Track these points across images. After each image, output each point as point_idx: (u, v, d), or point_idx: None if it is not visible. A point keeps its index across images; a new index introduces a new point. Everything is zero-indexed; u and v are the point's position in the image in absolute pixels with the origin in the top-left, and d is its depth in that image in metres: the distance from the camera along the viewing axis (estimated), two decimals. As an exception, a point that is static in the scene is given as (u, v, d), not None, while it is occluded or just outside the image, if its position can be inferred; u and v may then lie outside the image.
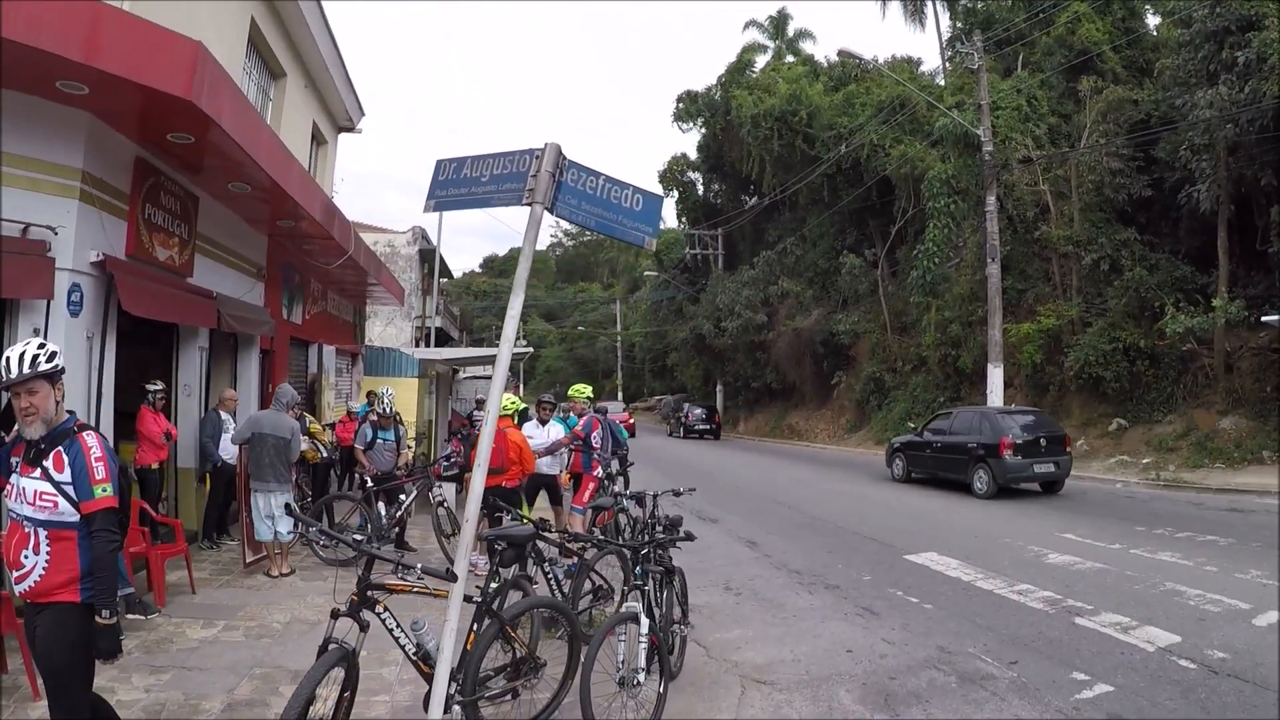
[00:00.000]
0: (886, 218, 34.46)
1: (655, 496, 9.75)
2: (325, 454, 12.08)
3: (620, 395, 70.34)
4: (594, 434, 11.12)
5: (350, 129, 20.03)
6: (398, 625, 4.86)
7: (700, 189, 51.63)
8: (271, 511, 9.69)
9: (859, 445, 31.75)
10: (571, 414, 13.10)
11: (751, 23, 47.35)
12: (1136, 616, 7.92)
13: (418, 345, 38.57)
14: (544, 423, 11.54)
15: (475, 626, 5.18)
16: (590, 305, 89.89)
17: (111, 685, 6.02)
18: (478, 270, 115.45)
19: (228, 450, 10.83)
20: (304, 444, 11.03)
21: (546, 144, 4.90)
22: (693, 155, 49.79)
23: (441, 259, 47.35)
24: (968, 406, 21.88)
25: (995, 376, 23.68)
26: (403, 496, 11.31)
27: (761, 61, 44.27)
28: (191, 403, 11.45)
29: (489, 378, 46.12)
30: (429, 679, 4.71)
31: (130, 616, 7.41)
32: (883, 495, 17.67)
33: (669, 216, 61.53)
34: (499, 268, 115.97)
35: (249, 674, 6.40)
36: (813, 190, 37.02)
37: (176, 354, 11.48)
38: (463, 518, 4.84)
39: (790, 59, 42.86)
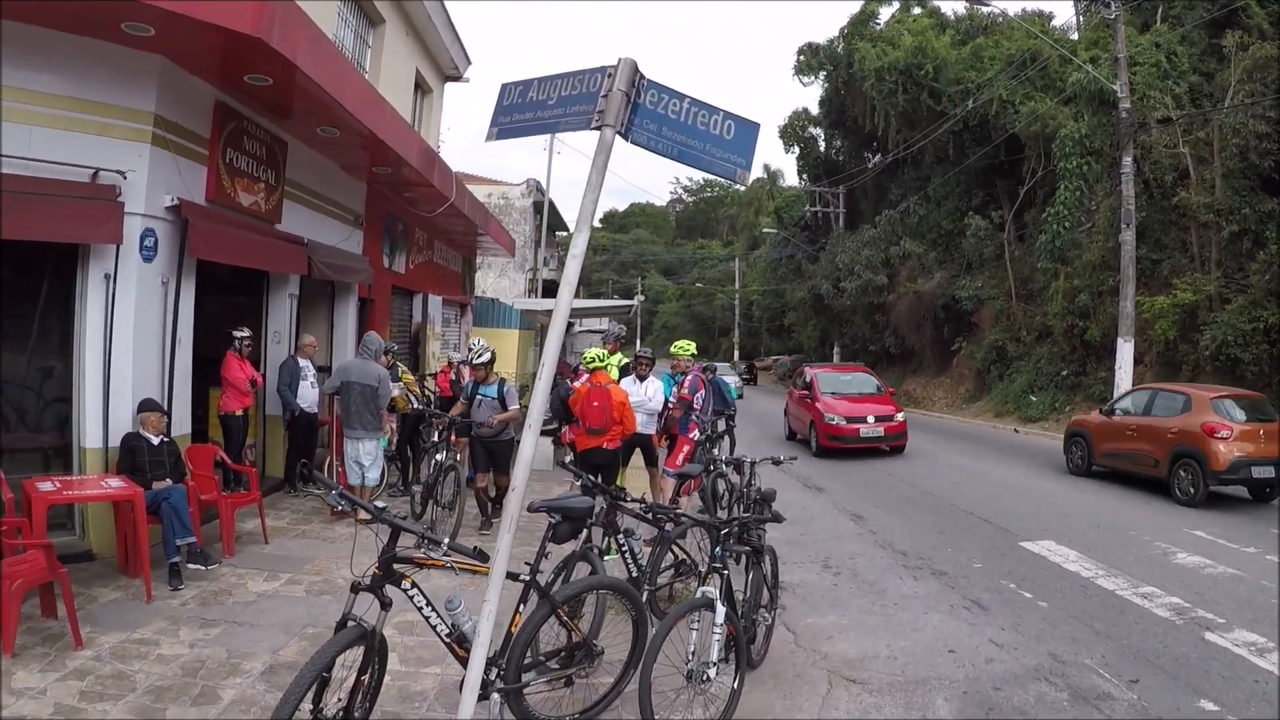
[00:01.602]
0: (1015, 178, 32.64)
1: (753, 464, 9.24)
2: (416, 404, 11.85)
3: (736, 354, 69.58)
4: (698, 394, 10.40)
5: (457, 78, 19.79)
6: (428, 604, 4.43)
7: (821, 145, 49.72)
8: (360, 458, 9.70)
9: (977, 416, 30.32)
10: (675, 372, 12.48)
11: (876, -28, 45.26)
12: (1273, 637, 6.95)
13: (530, 297, 38.75)
14: (642, 379, 10.62)
15: (521, 607, 4.75)
16: (709, 262, 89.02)
17: (157, 638, 5.91)
18: (598, 225, 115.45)
19: (305, 397, 10.75)
20: (395, 391, 10.81)
21: (620, 59, 4.35)
22: (814, 110, 48.02)
23: (556, 211, 47.40)
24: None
25: (1125, 352, 22.16)
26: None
27: (886, 13, 42.38)
28: (281, 350, 11.38)
29: (603, 331, 46.36)
30: (465, 664, 4.26)
31: (191, 566, 7.32)
32: (999, 472, 16.54)
33: (789, 173, 60.22)
34: (619, 222, 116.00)
35: (300, 633, 6.18)
36: (938, 148, 35.36)
37: (266, 301, 11.44)
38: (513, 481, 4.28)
39: (916, 10, 40.91)
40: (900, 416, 18.61)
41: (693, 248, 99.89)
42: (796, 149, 49.57)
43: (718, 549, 5.36)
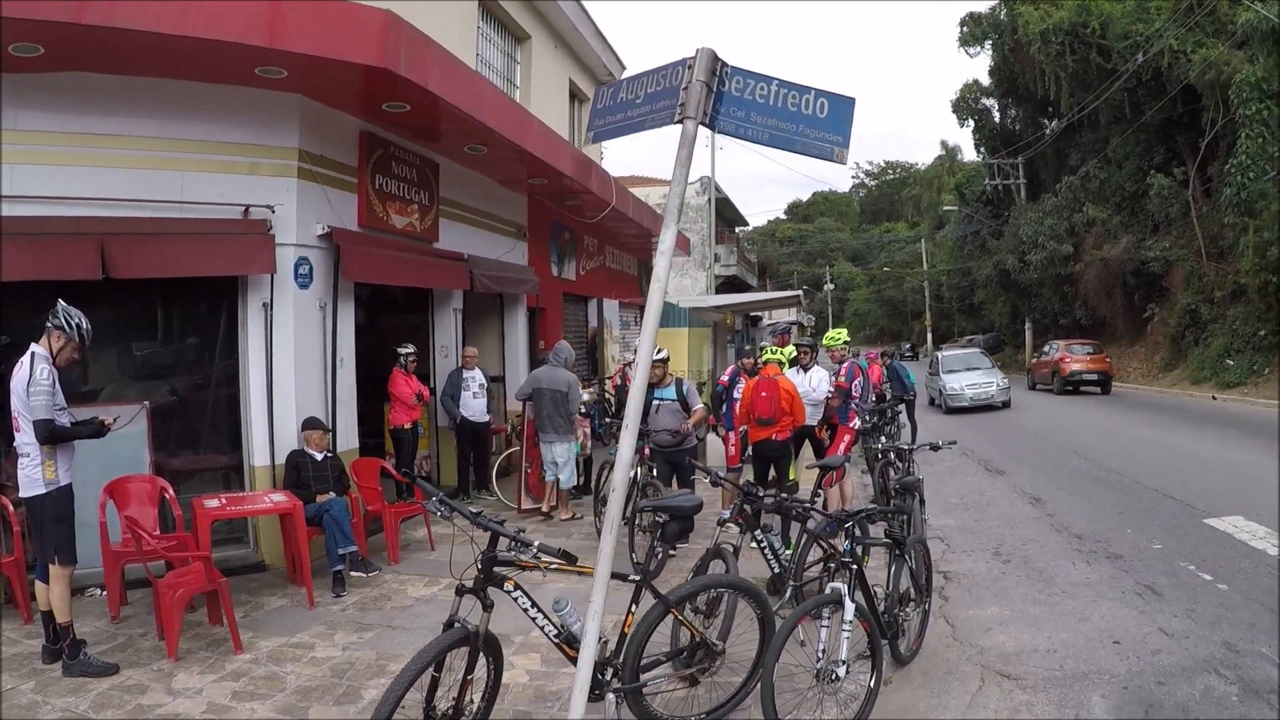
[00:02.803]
0: (1195, 131, 30.63)
1: (911, 451, 8.90)
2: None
3: (930, 337, 67.69)
4: (855, 382, 9.90)
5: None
6: (533, 605, 4.47)
7: (996, 116, 47.98)
8: (554, 459, 10.21)
9: (1173, 385, 28.38)
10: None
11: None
12: None
13: (718, 293, 38.85)
14: (805, 369, 10.13)
15: (633, 607, 4.73)
16: (897, 245, 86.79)
17: (313, 641, 6.26)
18: (783, 216, 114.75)
19: (469, 406, 11.17)
20: (584, 395, 11.07)
21: (698, 49, 4.28)
22: (985, 81, 46.26)
23: (733, 206, 47.35)
24: None
25: (1324, 306, 20.22)
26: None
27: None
28: (449, 363, 11.85)
29: (793, 323, 45.91)
30: (575, 663, 4.28)
31: (354, 574, 7.71)
32: (1190, 443, 15.39)
33: (967, 148, 57.93)
34: (803, 212, 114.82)
35: (450, 637, 6.42)
36: (1113, 107, 33.67)
37: (432, 316, 11.94)
38: (610, 484, 4.29)
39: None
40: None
41: (879, 231, 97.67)
42: (971, 122, 48.06)
43: (846, 543, 5.20)
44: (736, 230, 56.80)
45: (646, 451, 9.04)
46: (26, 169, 7.26)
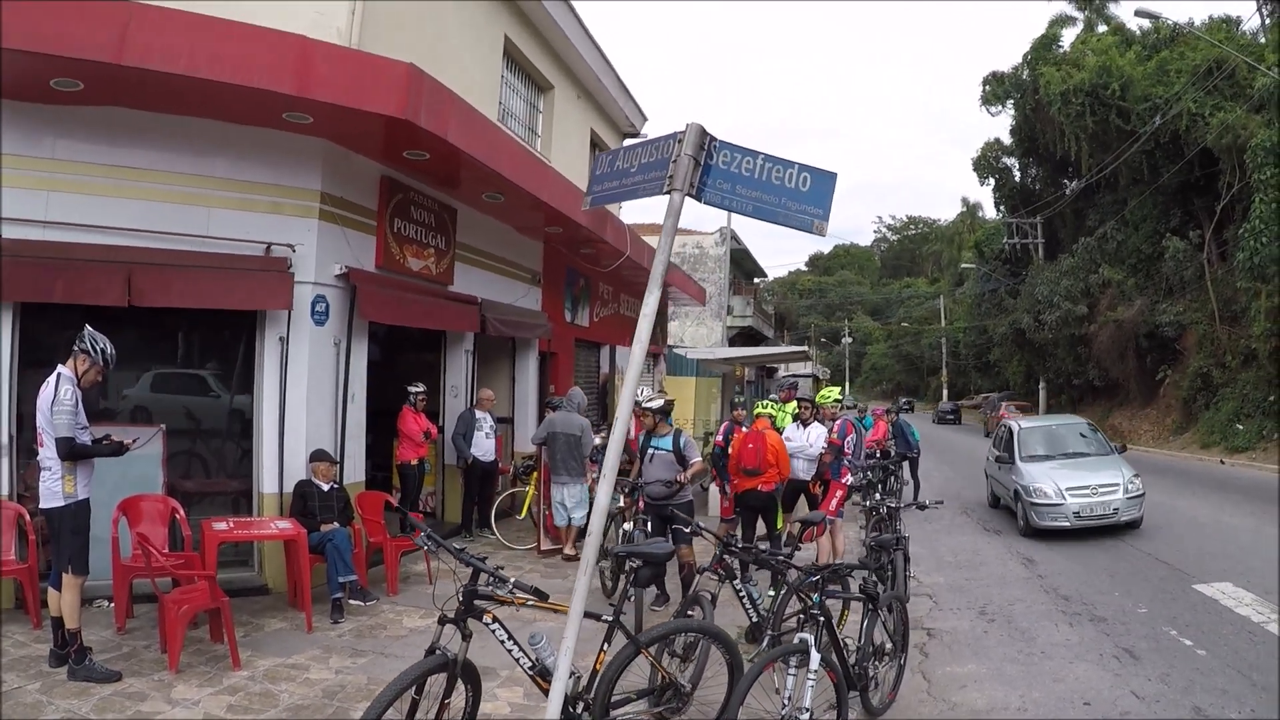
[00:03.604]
0: (1211, 195, 30.95)
1: (898, 509, 9.09)
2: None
3: (945, 393, 67.89)
4: (847, 439, 10.13)
5: (634, 134, 20.51)
6: (509, 638, 4.74)
7: (1016, 175, 48.31)
8: (565, 500, 10.59)
9: (1184, 448, 28.43)
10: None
11: (1058, -10, 43.75)
12: None
13: (731, 345, 39.17)
14: (805, 424, 10.24)
15: (605, 645, 4.96)
16: (915, 300, 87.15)
17: (308, 664, 6.54)
18: (804, 268, 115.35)
19: (480, 447, 11.46)
20: (595, 440, 11.36)
21: (688, 124, 4.56)
22: (1006, 140, 46.70)
23: (751, 257, 47.82)
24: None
25: (1334, 373, 20.31)
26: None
27: (1069, 35, 40.83)
28: (459, 403, 12.20)
29: (809, 376, 46.11)
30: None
31: (353, 602, 7.99)
32: (1193, 509, 15.53)
33: (988, 206, 58.28)
34: (824, 265, 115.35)
35: (438, 666, 6.67)
36: (1132, 169, 33.98)
37: (444, 357, 12.30)
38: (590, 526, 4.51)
39: (1102, 28, 39.14)
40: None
41: (899, 287, 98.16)
42: (991, 180, 48.39)
43: (815, 595, 5.41)
44: (755, 281, 57.24)
45: (640, 504, 9.04)
46: (62, 196, 7.67)
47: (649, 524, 8.72)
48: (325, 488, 8.35)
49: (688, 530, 7.07)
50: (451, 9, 11.61)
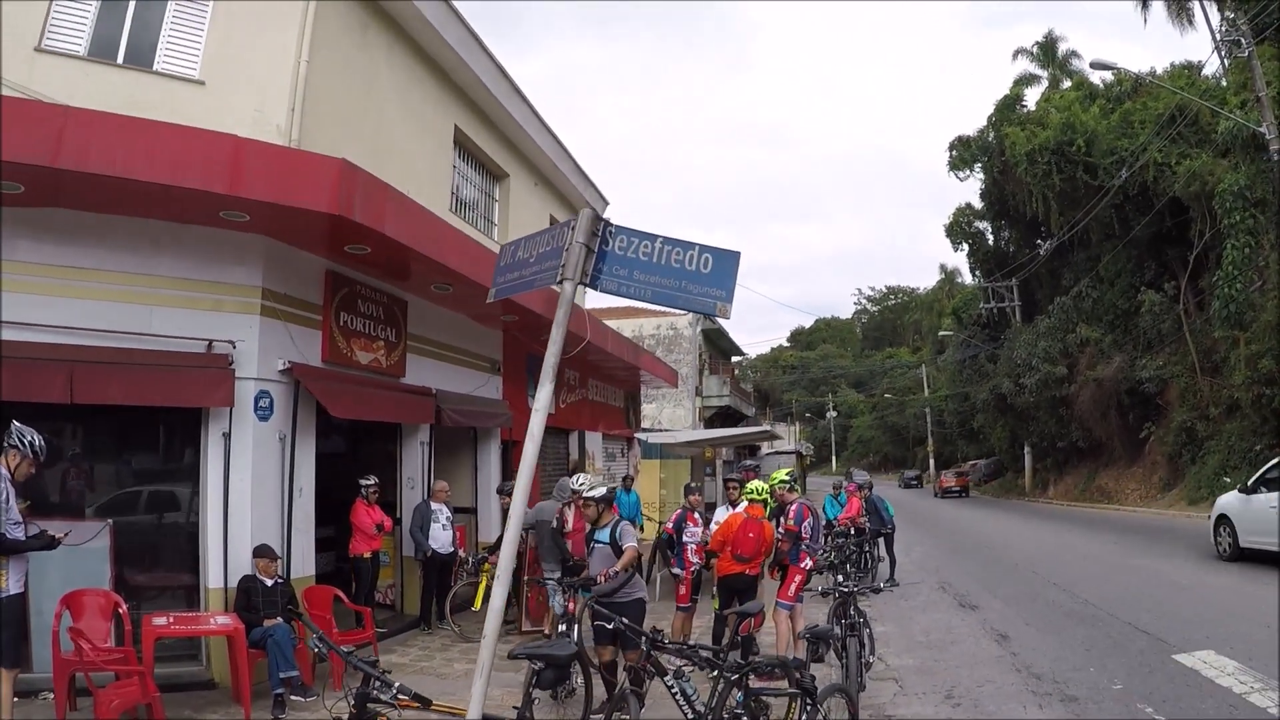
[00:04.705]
0: (1184, 245, 31.14)
1: (851, 595, 8.85)
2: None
3: (932, 462, 67.82)
4: (804, 524, 9.65)
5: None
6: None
7: (990, 238, 48.93)
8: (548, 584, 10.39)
9: (1170, 506, 28.19)
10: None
11: (1020, 51, 44.73)
12: None
13: (708, 425, 39.16)
14: (734, 505, 10.17)
15: None
16: (898, 371, 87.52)
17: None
18: (785, 344, 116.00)
19: (437, 539, 11.36)
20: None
21: (581, 212, 4.60)
22: (977, 204, 47.34)
23: (728, 337, 48.05)
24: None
25: (1317, 418, 20.36)
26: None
27: (1033, 94, 41.67)
28: (415, 494, 12.13)
29: (792, 452, 46.00)
30: None
31: (294, 698, 7.88)
32: (1175, 571, 15.27)
33: (965, 271, 58.87)
34: (805, 339, 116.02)
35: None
36: (1102, 224, 34.22)
37: (400, 448, 12.28)
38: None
39: (1066, 84, 40.03)
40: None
41: (881, 357, 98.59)
42: (965, 245, 48.74)
43: (739, 694, 5.27)
44: (733, 360, 57.45)
45: (573, 607, 8.32)
46: (7, 296, 7.73)
47: (595, 632, 7.51)
48: (269, 583, 8.29)
49: (640, 640, 6.36)
50: (395, 101, 11.88)
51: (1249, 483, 15.40)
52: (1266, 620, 10.63)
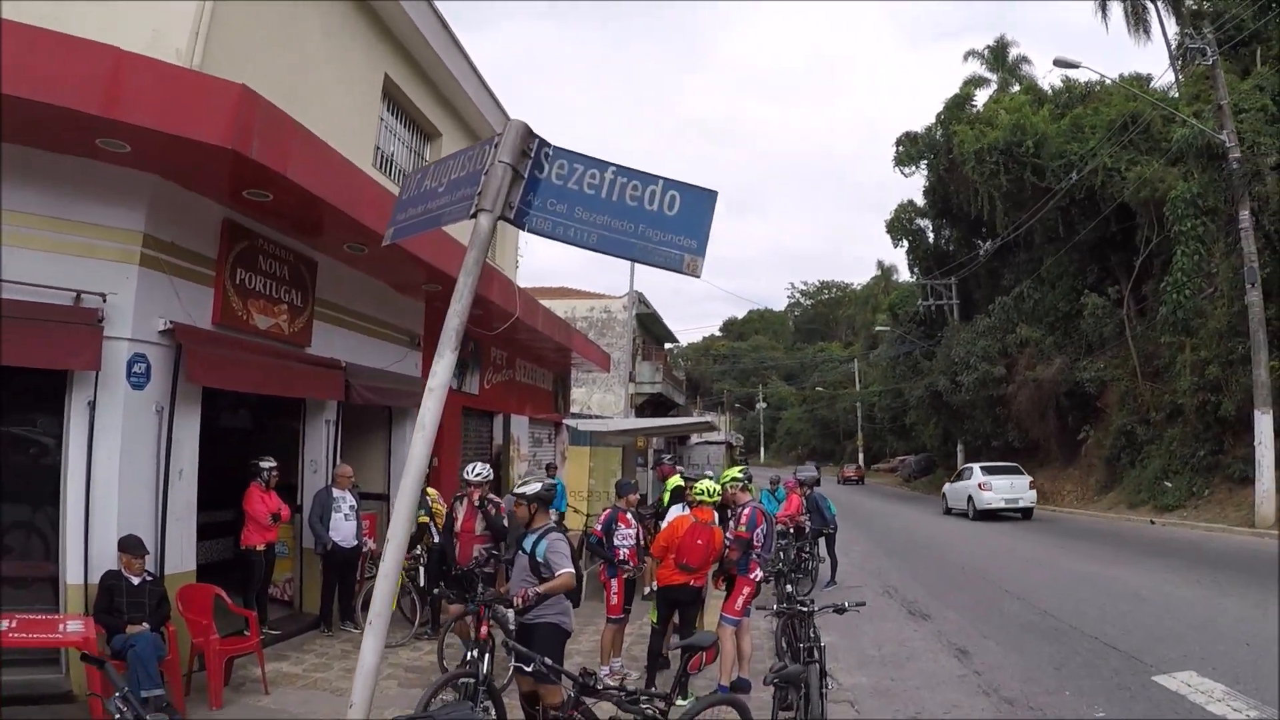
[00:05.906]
0: (1129, 250, 31.28)
1: (811, 615, 7.90)
2: (438, 537, 10.36)
3: (861, 457, 68.12)
4: (757, 530, 8.60)
5: (535, 189, 19.66)
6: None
7: (930, 236, 48.94)
8: None
9: (1110, 509, 28.10)
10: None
11: (971, 53, 44.69)
12: None
13: (639, 412, 38.24)
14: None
15: None
16: (830, 365, 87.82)
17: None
18: (718, 334, 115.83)
19: (340, 530, 10.05)
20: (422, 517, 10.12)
21: (509, 122, 3.46)
22: (920, 201, 47.18)
23: (663, 323, 47.21)
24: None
25: (1264, 425, 20.28)
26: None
27: (983, 96, 41.66)
28: (319, 479, 10.81)
29: (722, 443, 45.32)
30: None
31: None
32: (1134, 579, 14.54)
33: (903, 269, 58.91)
34: (738, 330, 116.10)
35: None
36: (1047, 227, 34.28)
37: (303, 427, 11.03)
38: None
39: (1015, 88, 40.01)
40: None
41: (813, 351, 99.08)
42: (905, 242, 48.78)
43: None
44: (667, 347, 56.64)
45: (484, 631, 6.77)
46: None
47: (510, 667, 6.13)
48: (136, 581, 7.06)
49: (557, 678, 5.40)
50: (319, 40, 10.58)
51: None
52: (1239, 634, 10.04)
